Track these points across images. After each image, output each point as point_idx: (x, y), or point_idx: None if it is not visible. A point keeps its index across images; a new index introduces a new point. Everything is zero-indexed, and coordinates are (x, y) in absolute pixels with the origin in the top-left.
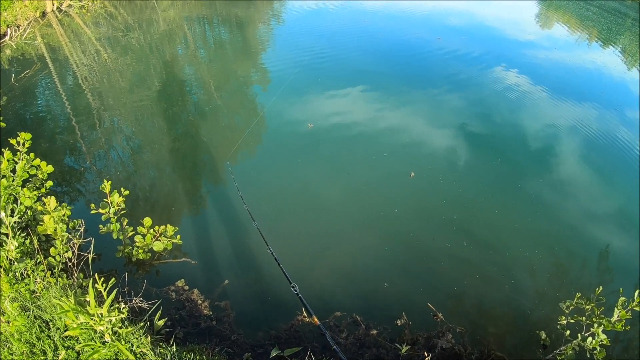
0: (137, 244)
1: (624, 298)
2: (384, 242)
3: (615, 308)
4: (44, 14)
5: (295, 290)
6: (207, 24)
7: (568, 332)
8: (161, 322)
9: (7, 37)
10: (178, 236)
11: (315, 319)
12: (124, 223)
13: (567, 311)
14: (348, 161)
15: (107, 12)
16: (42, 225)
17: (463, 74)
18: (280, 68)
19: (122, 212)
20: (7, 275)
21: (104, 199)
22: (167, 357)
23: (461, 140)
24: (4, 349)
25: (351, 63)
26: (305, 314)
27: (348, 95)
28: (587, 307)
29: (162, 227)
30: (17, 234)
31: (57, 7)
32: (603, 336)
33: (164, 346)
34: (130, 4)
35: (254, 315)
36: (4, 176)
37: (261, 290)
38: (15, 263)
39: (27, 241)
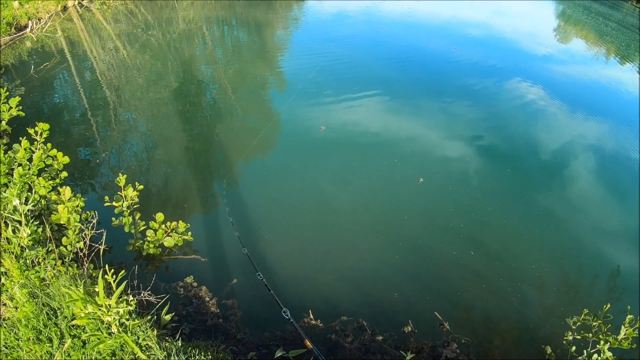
0: (149, 239)
1: (631, 316)
2: (393, 248)
3: (623, 326)
4: (65, 8)
5: (287, 315)
6: (226, 25)
7: (574, 348)
8: (168, 317)
9: (28, 29)
10: (189, 233)
11: (308, 343)
12: (137, 217)
13: (573, 327)
14: (358, 165)
15: (128, 9)
16: (55, 214)
17: (478, 85)
18: (296, 71)
19: (135, 206)
20: (18, 262)
21: (118, 192)
22: (172, 351)
23: (472, 150)
24: (10, 334)
25: (367, 69)
26: (312, 317)
27: (362, 100)
28: (594, 323)
29: (174, 223)
30: (30, 222)
31: (79, 2)
32: (609, 354)
33: (169, 340)
34: (150, 3)
35: (260, 315)
36: (20, 164)
37: (269, 291)
38: (27, 250)
39: (40, 229)
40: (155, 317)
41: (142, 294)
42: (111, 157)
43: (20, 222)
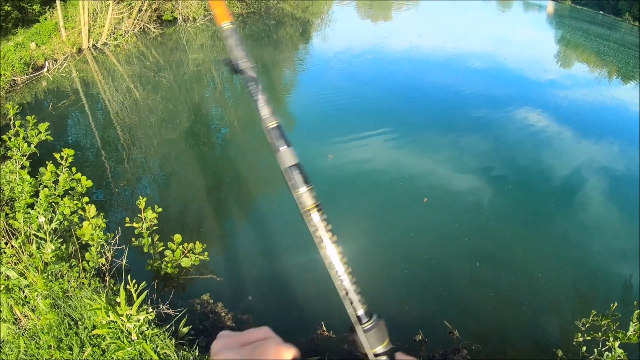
0: (166, 259)
1: (639, 311)
2: (402, 263)
3: (631, 322)
4: (80, 50)
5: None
6: None
7: (584, 349)
8: (185, 329)
9: (45, 70)
10: (206, 253)
11: None
12: (155, 238)
13: (583, 328)
14: (366, 189)
15: (140, 52)
16: (80, 229)
17: (484, 114)
18: (304, 109)
19: (154, 228)
20: (42, 275)
21: (138, 215)
22: (189, 359)
23: (477, 173)
24: (31, 342)
25: (373, 104)
26: (324, 329)
27: (368, 133)
28: (603, 323)
29: (191, 244)
30: (55, 239)
31: (93, 45)
32: (620, 350)
33: (187, 350)
34: (162, 46)
35: (275, 329)
36: (45, 186)
37: (283, 307)
38: (51, 265)
39: (63, 247)
40: (173, 328)
41: (160, 307)
42: (128, 189)
43: (44, 240)
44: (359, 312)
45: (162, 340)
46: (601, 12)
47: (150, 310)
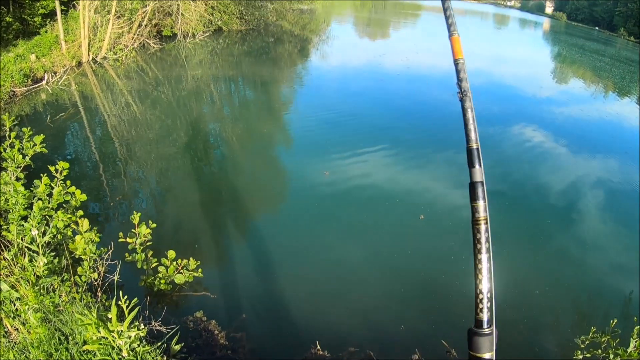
0: (160, 275)
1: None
2: (398, 281)
3: (631, 338)
4: (79, 64)
5: None
6: (233, 83)
7: None
8: (178, 347)
9: (44, 82)
10: (200, 270)
11: None
12: (149, 254)
13: (582, 345)
14: (363, 206)
15: (139, 67)
16: (72, 244)
17: (481, 133)
18: (301, 126)
19: (148, 243)
20: (34, 288)
21: (132, 230)
22: None
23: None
24: (20, 356)
25: (369, 120)
26: (319, 348)
27: (364, 149)
28: (603, 339)
29: (185, 260)
30: (47, 252)
31: (93, 58)
32: None
33: None
34: (161, 61)
35: (269, 347)
36: (39, 199)
37: (277, 325)
38: (43, 278)
39: (56, 260)
40: (165, 345)
41: (152, 324)
42: (123, 204)
43: (37, 253)
44: (485, 317)
45: (153, 358)
46: (596, 28)
47: (142, 327)
